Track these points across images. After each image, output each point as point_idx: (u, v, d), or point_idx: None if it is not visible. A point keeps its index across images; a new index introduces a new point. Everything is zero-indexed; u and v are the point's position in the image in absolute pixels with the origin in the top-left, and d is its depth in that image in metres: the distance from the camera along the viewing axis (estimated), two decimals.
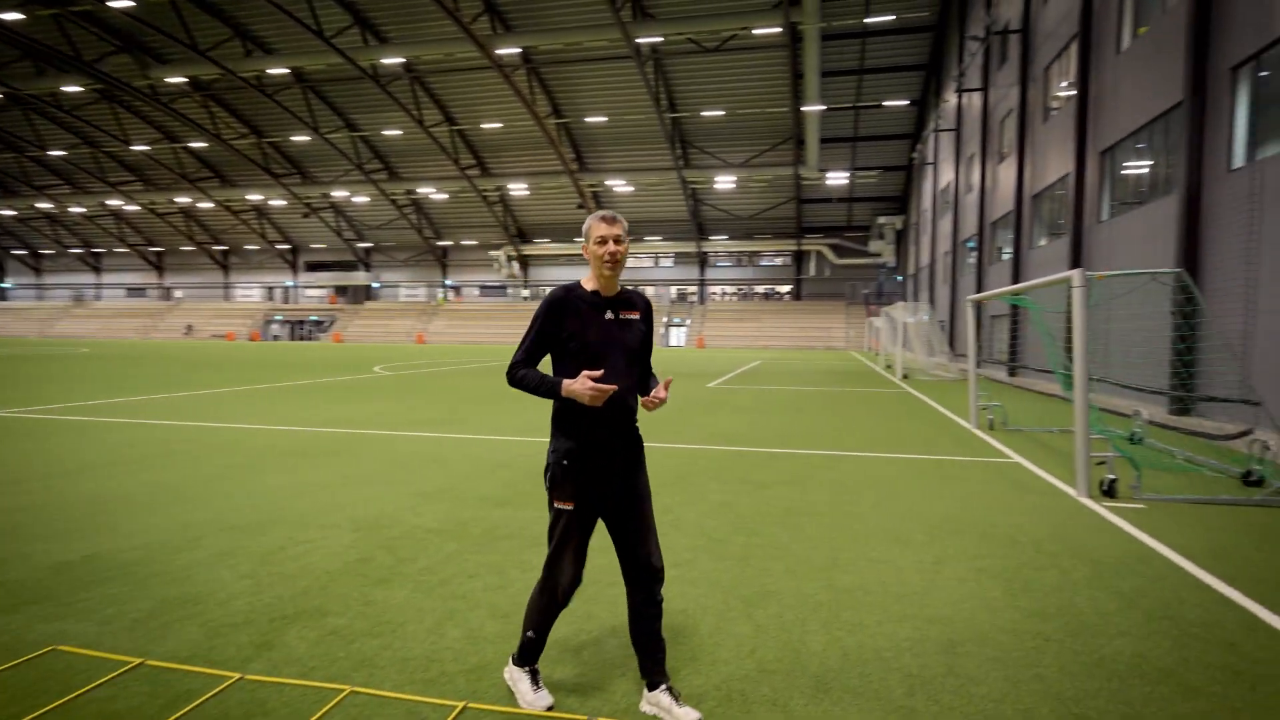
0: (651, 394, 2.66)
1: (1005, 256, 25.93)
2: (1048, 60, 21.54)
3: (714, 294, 64.74)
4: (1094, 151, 17.43)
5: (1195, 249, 12.25)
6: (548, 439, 8.63)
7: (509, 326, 60.65)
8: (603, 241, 2.60)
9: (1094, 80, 17.59)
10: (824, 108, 43.10)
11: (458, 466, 7.14)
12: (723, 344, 54.33)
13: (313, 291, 71.82)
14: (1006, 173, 25.39)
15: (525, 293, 67.04)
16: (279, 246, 69.98)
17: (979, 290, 28.13)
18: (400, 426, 9.93)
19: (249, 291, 73.78)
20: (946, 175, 37.12)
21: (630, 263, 65.16)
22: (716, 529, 5.04)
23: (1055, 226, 20.98)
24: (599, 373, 2.46)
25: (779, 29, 36.59)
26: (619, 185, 54.19)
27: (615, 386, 2.46)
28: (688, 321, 58.81)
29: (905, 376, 21.76)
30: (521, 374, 2.61)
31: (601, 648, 3.17)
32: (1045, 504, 5.93)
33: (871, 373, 24.48)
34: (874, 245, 55.93)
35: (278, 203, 61.98)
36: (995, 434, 9.96)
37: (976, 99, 30.70)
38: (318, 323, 66.91)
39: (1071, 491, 6.36)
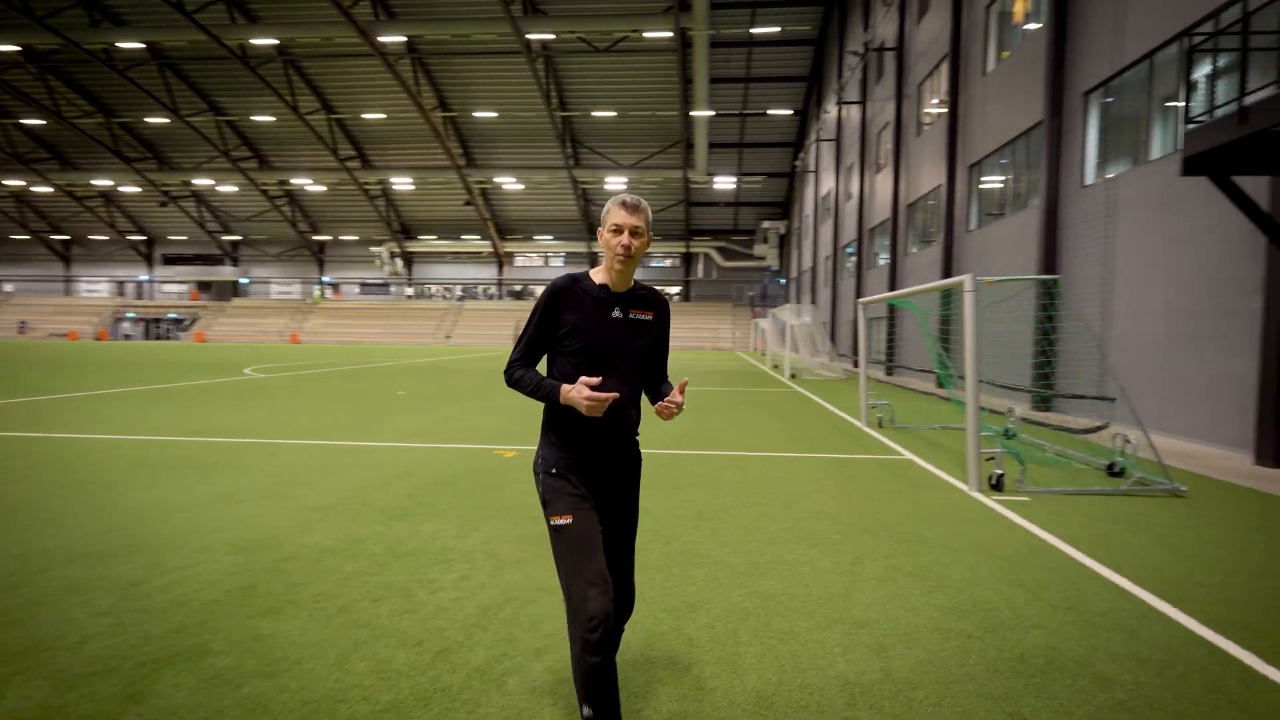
0: (666, 399, 2.32)
1: (881, 262, 27.36)
2: (921, 78, 22.88)
3: None
4: (963, 165, 18.65)
5: (1054, 257, 13.30)
6: (449, 444, 8.14)
7: (392, 326, 58.31)
8: (618, 230, 2.29)
9: (963, 98, 18.82)
10: (712, 113, 44.08)
11: (350, 477, 6.64)
12: None
13: (171, 287, 66.25)
14: (883, 183, 26.80)
15: (409, 291, 64.64)
16: (131, 237, 64.04)
17: (859, 293, 29.55)
18: (281, 434, 9.17)
19: (95, 286, 67.10)
20: (827, 183, 38.81)
21: (519, 262, 64.21)
22: None
23: (927, 234, 22.32)
24: (597, 380, 2.20)
25: (669, 33, 37.01)
26: (509, 183, 53.27)
27: (616, 395, 2.20)
28: None
29: (793, 376, 22.50)
30: (519, 374, 2.33)
31: (526, 674, 2.94)
32: (942, 499, 6.18)
33: (760, 372, 25.16)
34: (759, 249, 57.76)
35: (130, 189, 56.71)
36: (884, 431, 10.38)
37: (855, 111, 32.26)
38: (177, 321, 61.80)
39: (963, 486, 6.66)
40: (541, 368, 2.44)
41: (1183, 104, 10.19)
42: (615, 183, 52.25)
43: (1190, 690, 2.87)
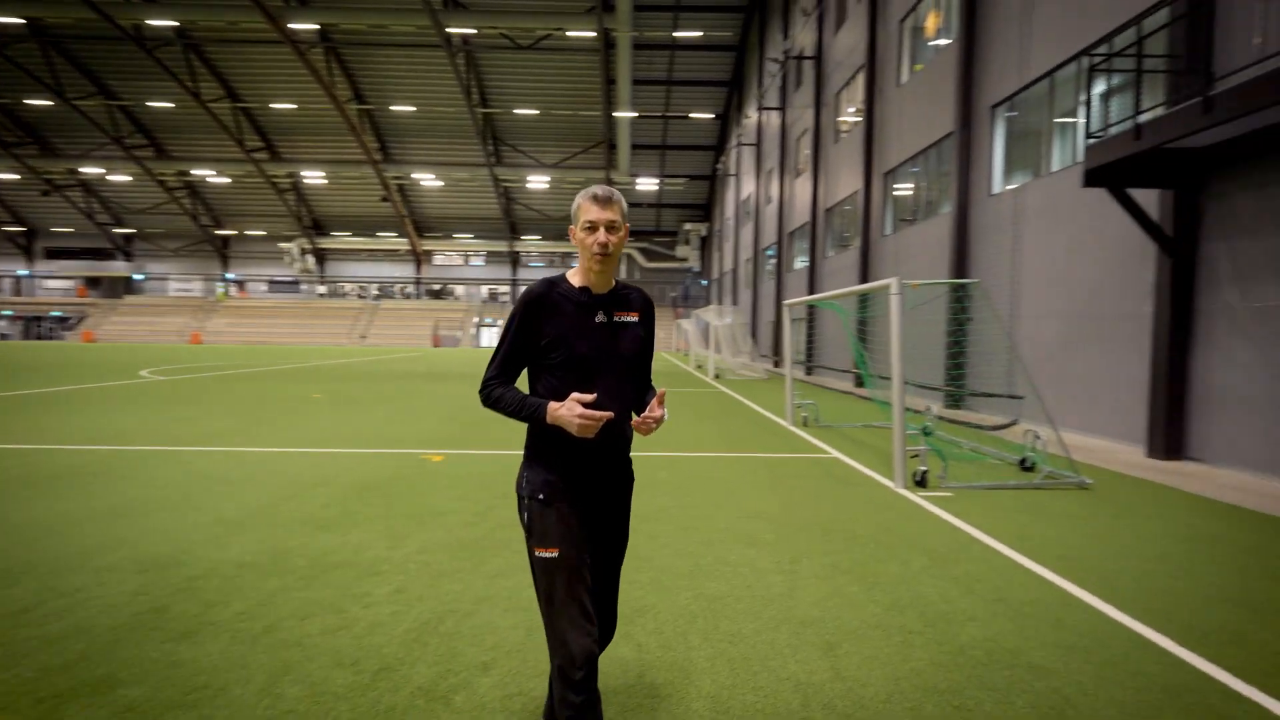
0: (645, 412, 2.12)
1: (800, 265, 28.07)
2: (838, 87, 23.59)
3: None
4: (879, 172, 19.33)
5: (965, 262, 13.94)
6: (371, 450, 7.86)
7: (303, 325, 55.96)
8: (591, 228, 2.09)
9: (878, 108, 19.50)
10: (635, 114, 44.27)
11: (265, 486, 6.26)
12: None
13: (55, 283, 61.47)
14: (803, 187, 27.50)
15: (322, 289, 62.18)
16: (8, 229, 59.05)
17: (779, 295, 30.24)
18: (186, 441, 8.60)
19: None
20: (748, 187, 39.55)
21: (438, 260, 62.77)
22: None
23: (844, 238, 23.04)
24: (590, 397, 2.00)
25: (593, 33, 36.95)
26: (427, 179, 52.01)
27: (610, 415, 1.99)
28: (500, 322, 57.69)
29: (717, 376, 22.80)
30: (497, 394, 2.12)
31: (474, 690, 2.81)
32: (870, 496, 6.34)
33: (685, 373, 25.38)
34: (680, 250, 58.42)
35: (8, 176, 52.30)
36: (810, 430, 10.62)
37: (775, 117, 32.99)
38: (61, 319, 57.45)
39: (889, 483, 6.87)
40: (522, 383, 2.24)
41: (1081, 119, 10.86)
42: (537, 182, 51.80)
43: (1117, 675, 3.02)
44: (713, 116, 47.69)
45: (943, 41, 15.98)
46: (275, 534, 4.82)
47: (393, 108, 45.66)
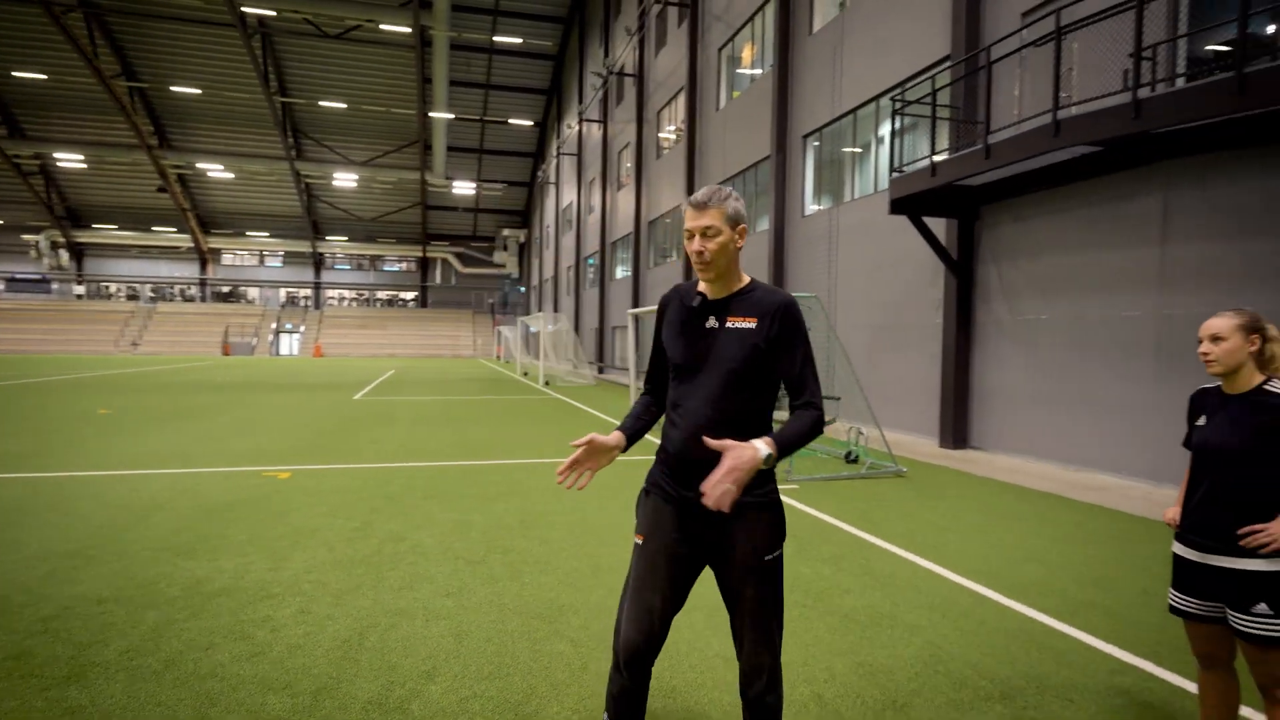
0: (709, 477, 1.81)
1: (621, 274, 28.98)
2: (660, 105, 24.74)
3: (331, 299, 60.03)
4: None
5: (783, 277, 15.28)
6: (199, 469, 7.38)
7: (56, 331, 48.26)
8: (689, 235, 2.02)
9: (699, 128, 20.74)
10: (451, 116, 43.22)
11: (93, 515, 5.54)
12: (343, 352, 50.63)
13: None
14: (625, 199, 28.43)
15: (80, 289, 54.00)
16: None
17: (602, 303, 30.98)
18: None
19: None
20: (569, 196, 40.07)
21: (227, 260, 57.02)
22: (466, 549, 4.80)
23: (665, 250, 24.18)
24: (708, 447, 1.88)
25: (408, 29, 35.66)
26: (215, 170, 47.14)
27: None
28: (302, 328, 53.48)
29: (547, 383, 22.92)
30: (637, 400, 2.27)
31: (427, 698, 2.82)
32: None
33: (513, 380, 25.24)
34: (498, 256, 57.73)
35: None
36: (655, 433, 11.14)
37: (597, 129, 33.79)
38: None
39: None
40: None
41: (882, 153, 12.39)
42: (345, 179, 48.91)
43: (969, 625, 3.65)
44: (532, 124, 47.78)
45: (758, 71, 17.40)
46: (130, 564, 4.34)
47: (173, 88, 40.85)
